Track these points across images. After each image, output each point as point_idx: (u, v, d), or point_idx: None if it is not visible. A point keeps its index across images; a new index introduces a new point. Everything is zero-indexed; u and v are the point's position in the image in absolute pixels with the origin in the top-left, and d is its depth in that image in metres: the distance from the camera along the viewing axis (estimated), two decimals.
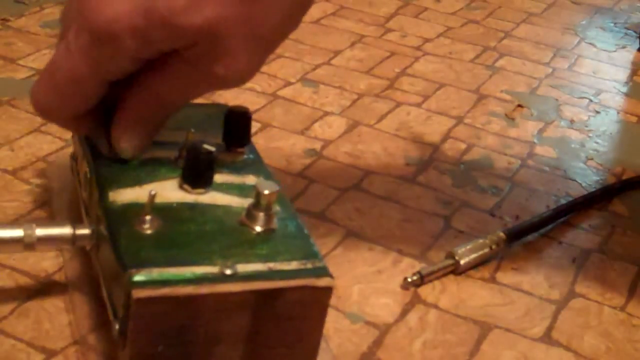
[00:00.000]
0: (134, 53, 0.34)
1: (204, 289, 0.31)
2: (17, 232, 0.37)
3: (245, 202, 0.35)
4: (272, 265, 0.33)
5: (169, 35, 0.33)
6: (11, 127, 0.54)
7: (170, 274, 0.31)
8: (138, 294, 0.31)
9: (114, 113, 0.38)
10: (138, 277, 0.31)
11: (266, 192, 0.34)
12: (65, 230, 0.37)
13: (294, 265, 0.33)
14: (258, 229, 0.35)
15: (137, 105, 0.37)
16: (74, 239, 0.37)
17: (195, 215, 0.35)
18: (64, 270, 0.41)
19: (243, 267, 0.32)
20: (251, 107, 0.60)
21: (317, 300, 0.33)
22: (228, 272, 0.32)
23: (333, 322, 0.40)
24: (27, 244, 0.37)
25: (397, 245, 0.46)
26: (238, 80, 0.36)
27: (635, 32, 0.82)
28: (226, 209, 0.36)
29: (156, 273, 0.31)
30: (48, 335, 0.38)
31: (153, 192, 0.34)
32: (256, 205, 0.35)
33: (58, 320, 0.38)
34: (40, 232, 0.37)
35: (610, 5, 0.89)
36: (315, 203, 0.50)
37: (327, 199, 0.50)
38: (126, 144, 0.37)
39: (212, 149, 0.36)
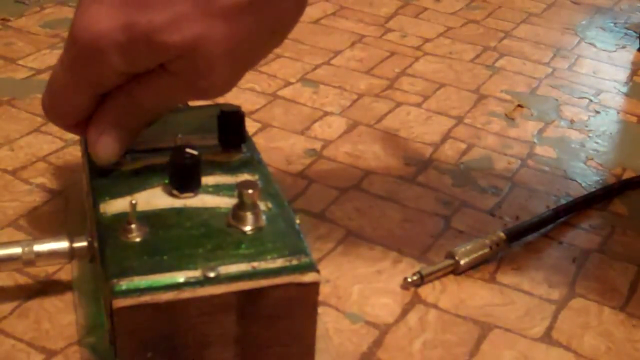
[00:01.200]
0: (118, 68, 0.34)
1: (186, 294, 0.31)
2: (16, 250, 0.37)
3: (235, 203, 0.35)
4: (256, 264, 0.33)
5: (151, 50, 0.34)
6: (11, 127, 0.54)
7: (151, 281, 0.31)
8: (119, 303, 0.31)
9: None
10: (119, 287, 0.31)
11: (248, 191, 0.34)
12: (63, 245, 0.37)
13: (279, 262, 0.33)
14: (245, 228, 0.34)
15: (116, 110, 0.37)
16: (72, 253, 0.37)
17: (182, 220, 0.35)
18: (71, 269, 0.41)
19: (226, 269, 0.32)
20: (251, 107, 0.60)
21: (305, 297, 0.33)
22: (211, 274, 0.32)
23: (333, 322, 0.40)
24: (26, 261, 0.37)
25: (397, 245, 0.46)
26: (217, 93, 0.36)
27: (635, 32, 0.82)
28: (215, 211, 0.36)
29: (137, 281, 0.31)
30: (48, 335, 0.38)
31: (134, 202, 0.34)
32: (241, 205, 0.35)
33: (58, 320, 0.38)
34: (38, 248, 0.37)
35: (610, 5, 0.89)
36: (315, 203, 0.50)
37: (327, 199, 0.50)
38: (101, 149, 0.37)
39: (195, 152, 0.36)
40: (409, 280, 0.43)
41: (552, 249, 0.48)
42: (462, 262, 0.44)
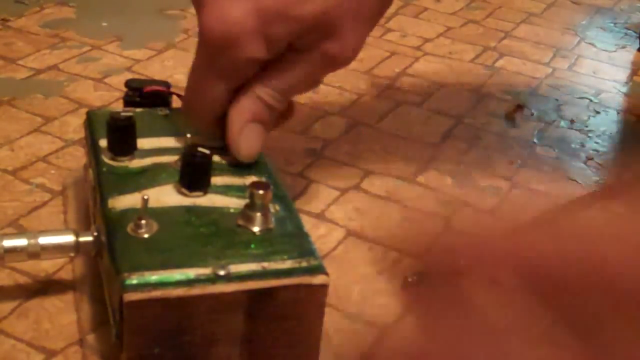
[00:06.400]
0: (254, 53, 0.35)
1: (196, 291, 0.31)
2: (21, 241, 0.37)
3: (243, 203, 0.35)
4: (266, 264, 0.33)
5: (286, 27, 0.35)
6: (11, 127, 0.54)
7: (162, 276, 0.31)
8: (130, 297, 0.31)
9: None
10: (130, 281, 0.31)
11: (260, 192, 0.34)
12: (69, 238, 0.37)
13: (288, 264, 0.33)
14: (254, 229, 0.34)
15: (251, 105, 0.38)
16: (77, 247, 0.37)
17: (191, 218, 0.35)
18: (72, 269, 0.41)
19: (236, 268, 0.32)
20: None
21: (313, 299, 0.33)
22: (221, 273, 0.32)
23: (333, 322, 0.40)
24: (31, 253, 0.37)
25: (397, 245, 0.46)
26: (348, 58, 0.38)
27: (635, 32, 0.82)
28: (224, 210, 0.36)
29: (148, 276, 0.31)
30: (48, 335, 0.38)
31: (146, 197, 0.34)
32: (251, 206, 0.35)
33: (58, 320, 0.38)
34: (43, 240, 0.37)
35: (610, 5, 0.89)
36: (315, 203, 0.50)
37: (327, 199, 0.50)
38: (244, 146, 0.38)
39: (207, 152, 0.36)
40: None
41: None
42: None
